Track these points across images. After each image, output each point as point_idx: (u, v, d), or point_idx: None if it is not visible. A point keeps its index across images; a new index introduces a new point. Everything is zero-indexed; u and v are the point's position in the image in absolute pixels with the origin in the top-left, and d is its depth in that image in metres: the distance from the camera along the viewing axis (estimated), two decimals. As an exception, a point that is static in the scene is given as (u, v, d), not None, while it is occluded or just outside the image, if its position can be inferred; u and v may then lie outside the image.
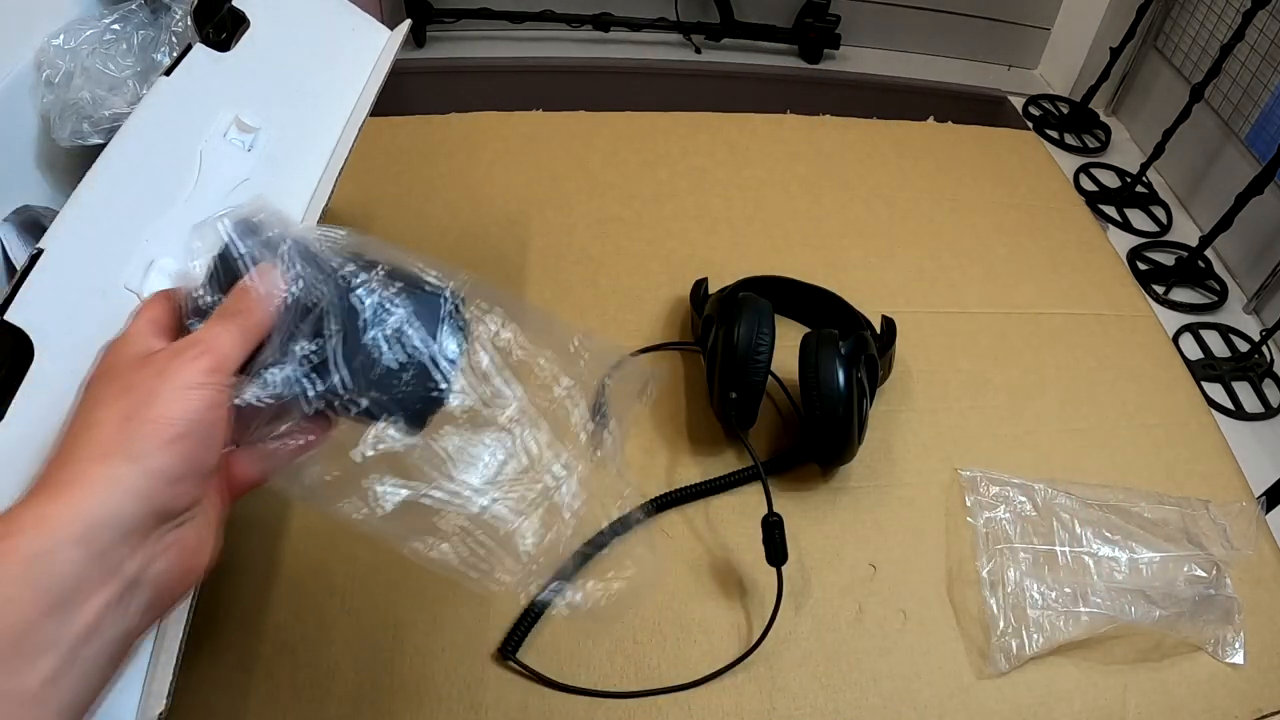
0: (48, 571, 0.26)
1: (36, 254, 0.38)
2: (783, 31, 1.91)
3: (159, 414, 0.29)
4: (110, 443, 0.28)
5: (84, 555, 0.26)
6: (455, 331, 0.38)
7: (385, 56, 0.61)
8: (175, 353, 0.31)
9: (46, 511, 0.27)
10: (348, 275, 0.36)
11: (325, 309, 0.34)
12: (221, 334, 0.32)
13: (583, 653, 0.52)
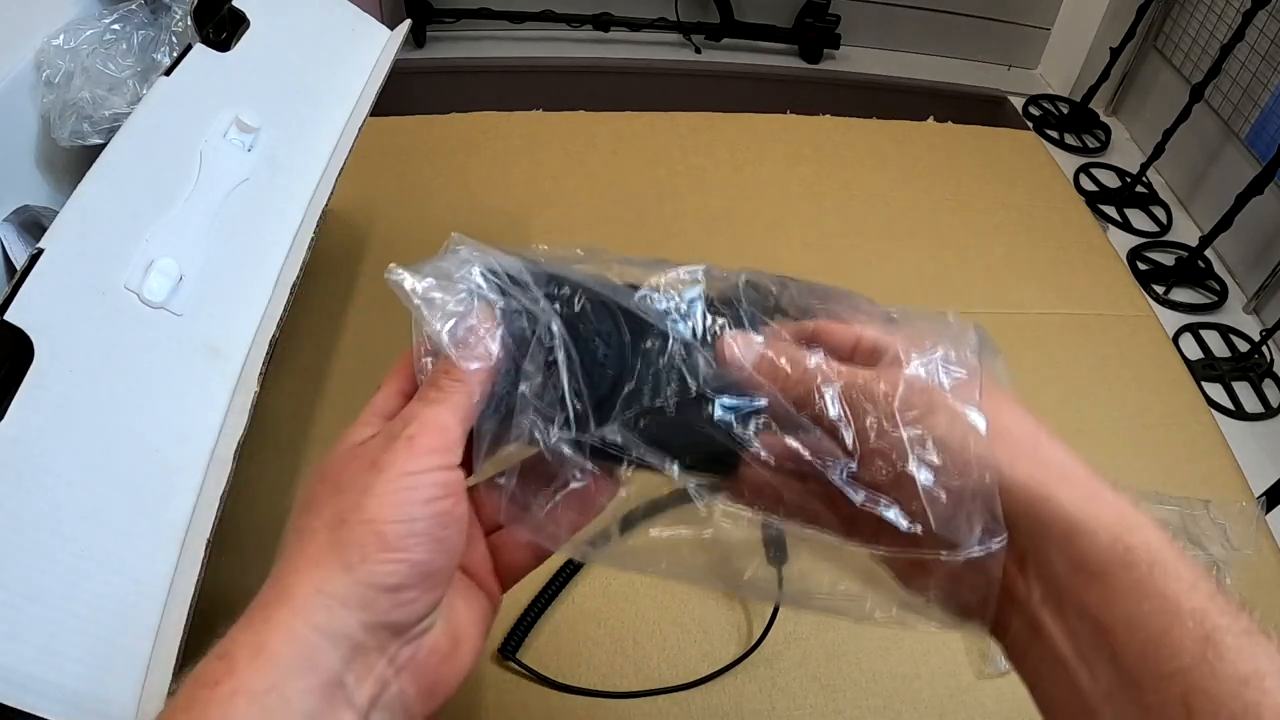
0: (279, 710, 0.23)
1: (36, 254, 0.38)
2: (783, 31, 1.91)
3: (373, 514, 0.25)
4: (321, 553, 0.25)
5: (309, 687, 0.23)
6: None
7: (385, 56, 0.61)
8: (388, 439, 0.26)
9: (263, 639, 0.23)
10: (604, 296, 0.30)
11: (556, 338, 0.28)
12: (434, 408, 0.27)
13: (583, 653, 0.52)
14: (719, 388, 0.28)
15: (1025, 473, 0.25)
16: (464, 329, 0.27)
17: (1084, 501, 0.24)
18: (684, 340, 0.29)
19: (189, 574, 0.37)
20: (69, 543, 0.34)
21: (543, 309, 0.29)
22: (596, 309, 0.29)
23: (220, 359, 0.44)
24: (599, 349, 0.29)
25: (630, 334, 0.29)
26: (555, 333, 0.28)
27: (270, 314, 0.47)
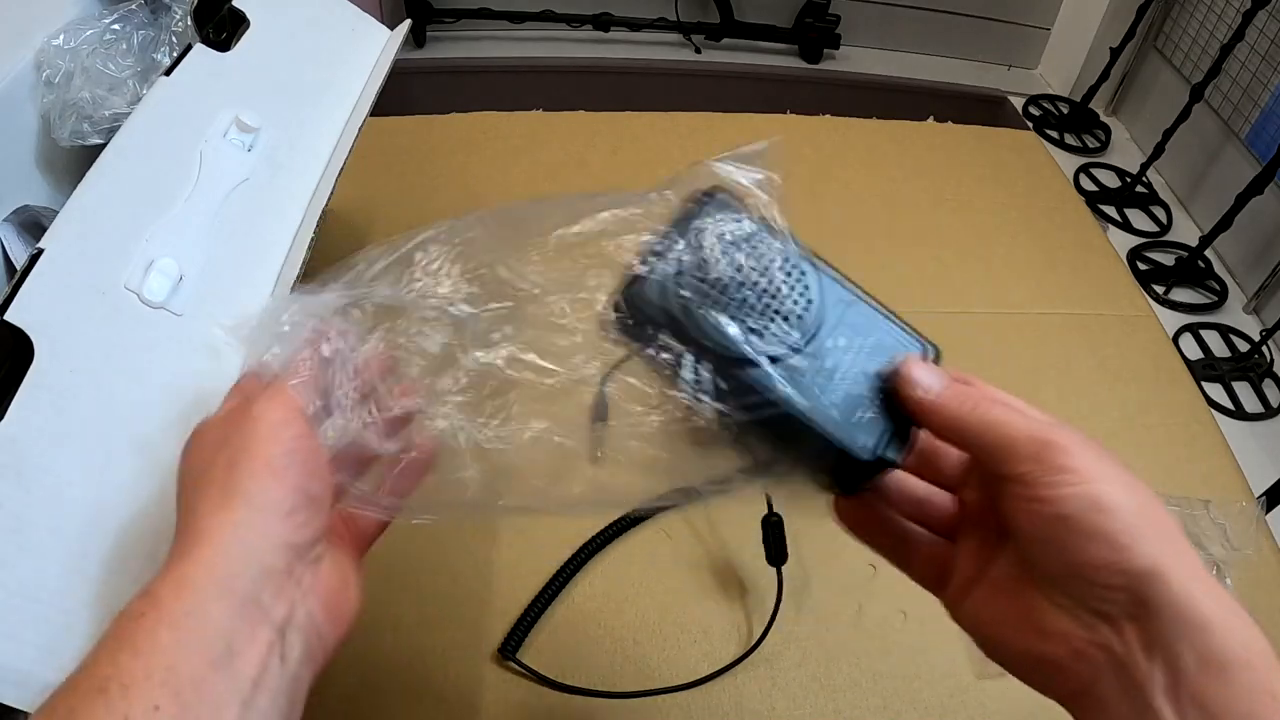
0: (200, 630, 0.26)
1: (36, 254, 0.38)
2: (783, 31, 1.91)
3: (258, 452, 0.29)
4: (222, 492, 0.28)
5: (229, 607, 0.26)
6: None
7: (385, 56, 0.61)
8: (247, 401, 0.31)
9: (183, 573, 0.27)
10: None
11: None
12: (275, 384, 0.32)
13: (583, 653, 0.52)
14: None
15: (1174, 562, 0.25)
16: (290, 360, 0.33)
17: (1214, 599, 0.25)
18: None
19: (189, 574, 0.37)
20: (69, 543, 0.34)
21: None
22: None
23: (220, 359, 0.44)
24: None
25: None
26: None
27: (270, 314, 0.47)
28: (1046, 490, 0.27)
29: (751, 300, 0.29)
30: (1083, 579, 0.26)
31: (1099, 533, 0.26)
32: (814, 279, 0.30)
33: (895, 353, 0.30)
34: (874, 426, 0.29)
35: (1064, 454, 0.27)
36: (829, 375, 0.29)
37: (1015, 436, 0.28)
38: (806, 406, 0.28)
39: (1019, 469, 0.27)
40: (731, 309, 0.29)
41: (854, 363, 0.30)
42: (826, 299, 0.30)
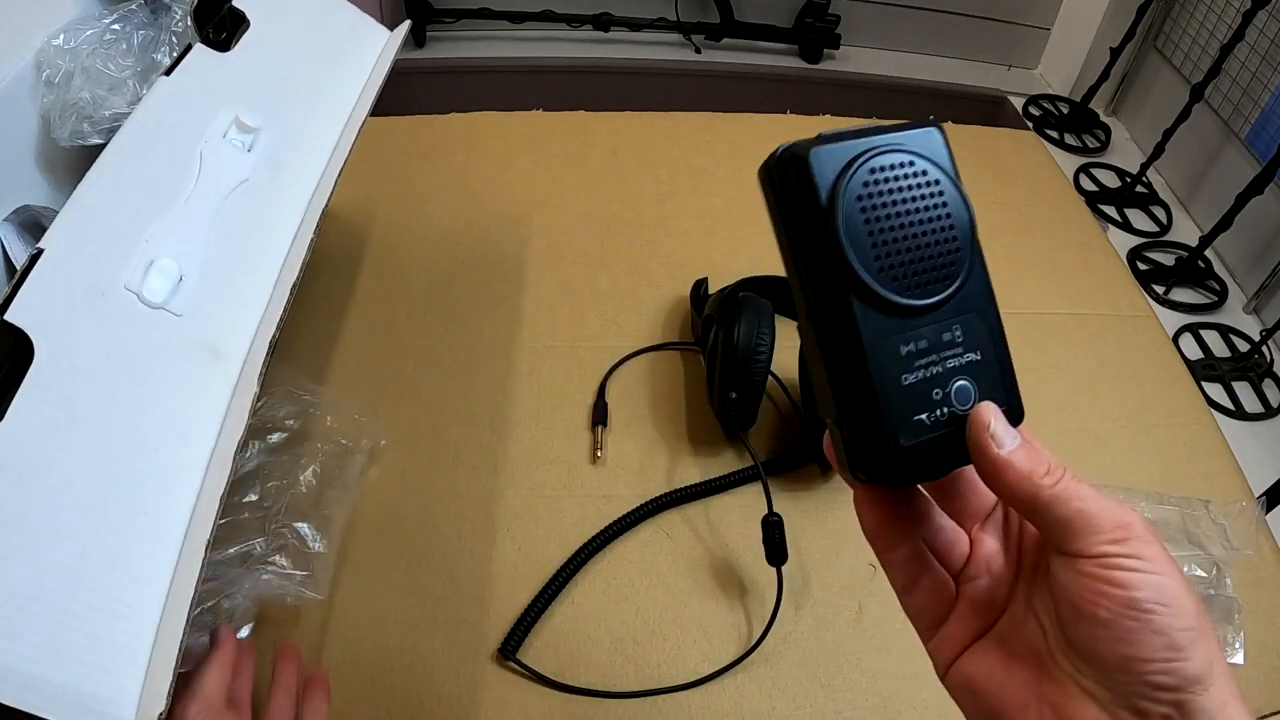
0: None
1: (36, 254, 0.38)
2: (783, 31, 1.91)
3: None
4: None
5: None
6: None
7: (385, 56, 0.61)
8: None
9: None
10: None
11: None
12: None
13: (583, 653, 0.52)
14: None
15: (1220, 674, 0.25)
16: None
17: (1244, 714, 0.25)
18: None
19: (189, 574, 0.37)
20: (69, 543, 0.34)
21: None
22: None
23: (220, 359, 0.44)
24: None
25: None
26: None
27: (270, 314, 0.47)
28: (1123, 573, 0.26)
29: (907, 243, 0.27)
30: (1133, 673, 0.26)
31: (1165, 629, 0.25)
32: (971, 261, 0.28)
33: (985, 383, 0.29)
34: (920, 433, 0.27)
35: (1143, 541, 0.26)
36: (918, 359, 0.27)
37: (1098, 514, 0.27)
38: (875, 368, 0.27)
39: (1097, 548, 0.26)
40: (883, 236, 0.27)
41: (949, 366, 0.28)
42: (969, 290, 0.28)
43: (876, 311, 0.27)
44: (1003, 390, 0.29)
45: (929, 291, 0.27)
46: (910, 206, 0.27)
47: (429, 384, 0.65)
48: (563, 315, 0.71)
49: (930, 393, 0.27)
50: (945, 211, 0.27)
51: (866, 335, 0.26)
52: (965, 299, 0.28)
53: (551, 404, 0.64)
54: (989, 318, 0.29)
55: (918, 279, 0.27)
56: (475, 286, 0.74)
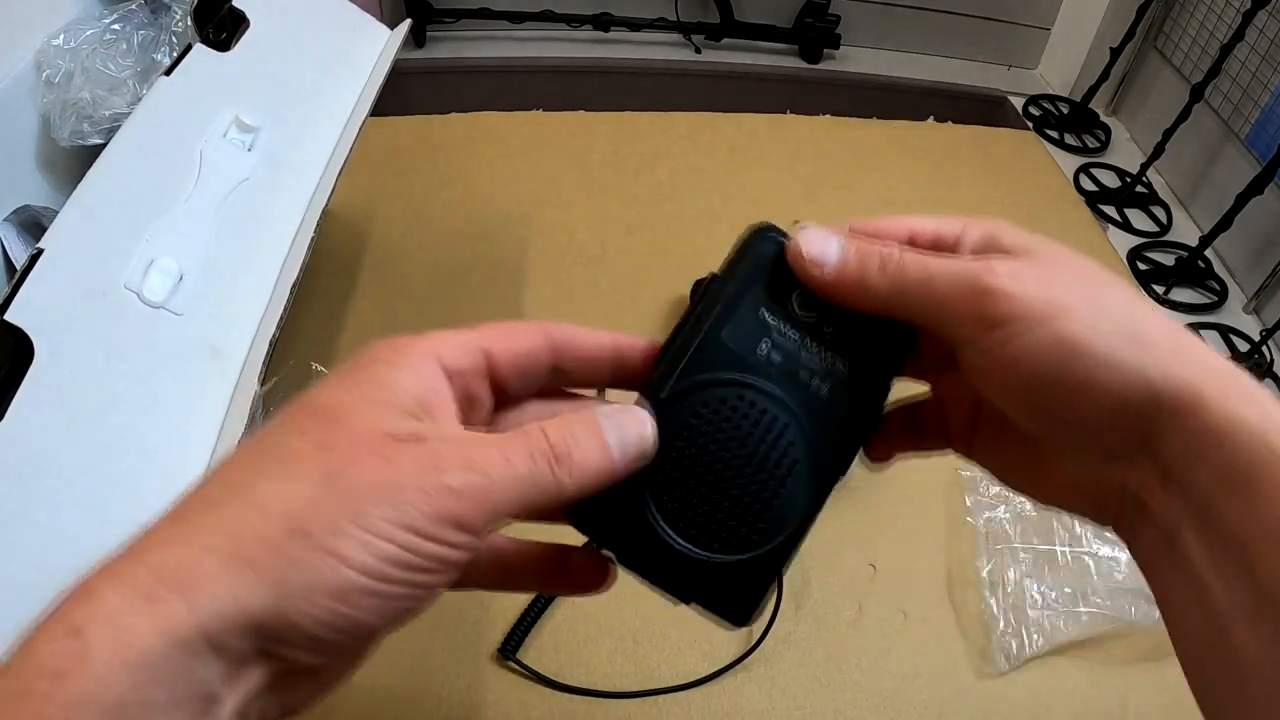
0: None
1: (36, 254, 0.38)
2: (783, 31, 1.91)
3: (347, 553, 0.19)
4: (260, 550, 0.18)
5: (178, 698, 0.18)
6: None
7: (385, 56, 0.61)
8: (425, 465, 0.20)
9: (137, 625, 0.17)
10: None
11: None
12: (516, 475, 0.21)
13: (583, 653, 0.52)
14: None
15: (1176, 379, 0.21)
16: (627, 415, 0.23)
17: (1229, 402, 0.21)
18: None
19: (189, 574, 0.37)
20: (69, 542, 0.34)
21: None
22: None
23: (220, 359, 0.44)
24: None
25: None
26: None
27: (270, 314, 0.47)
28: (1005, 349, 0.22)
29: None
30: (1074, 431, 0.23)
31: (1072, 382, 0.22)
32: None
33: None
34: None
35: (1003, 300, 0.22)
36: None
37: (942, 296, 0.23)
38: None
39: (960, 334, 0.23)
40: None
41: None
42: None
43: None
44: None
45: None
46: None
47: (429, 384, 0.65)
48: (563, 315, 0.71)
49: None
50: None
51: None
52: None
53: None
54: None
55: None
56: (475, 286, 0.74)
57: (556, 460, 0.21)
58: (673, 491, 0.24)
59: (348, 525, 0.18)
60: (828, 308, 0.25)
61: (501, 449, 0.21)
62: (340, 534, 0.18)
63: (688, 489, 0.24)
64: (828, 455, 0.25)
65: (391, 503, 0.19)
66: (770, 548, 0.25)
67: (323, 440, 0.20)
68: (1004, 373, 0.23)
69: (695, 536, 0.24)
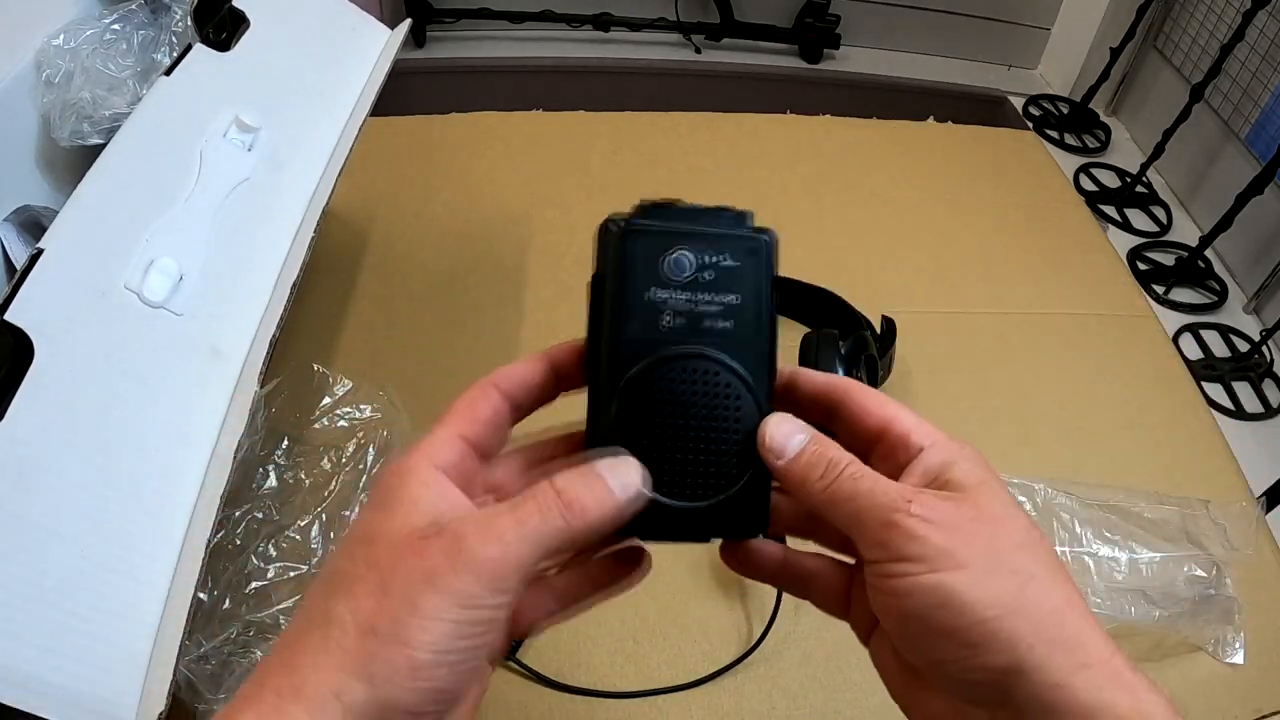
0: None
1: (36, 254, 0.38)
2: (783, 31, 1.91)
3: (411, 638, 0.23)
4: (345, 654, 0.23)
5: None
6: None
7: (385, 56, 0.61)
8: (451, 552, 0.23)
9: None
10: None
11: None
12: (521, 534, 0.24)
13: (583, 653, 0.52)
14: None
15: (1043, 655, 0.23)
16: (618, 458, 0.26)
17: (1101, 688, 0.23)
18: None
19: (189, 574, 0.37)
20: (69, 543, 0.34)
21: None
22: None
23: (220, 359, 0.44)
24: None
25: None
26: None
27: (270, 314, 0.47)
28: (891, 582, 0.24)
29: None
30: (943, 673, 0.25)
31: (947, 631, 0.24)
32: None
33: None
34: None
35: (909, 540, 0.24)
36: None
37: (859, 517, 0.25)
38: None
39: (868, 555, 0.25)
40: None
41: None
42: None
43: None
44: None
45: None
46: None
47: (429, 384, 0.65)
48: (563, 315, 0.71)
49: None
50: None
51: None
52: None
53: (552, 403, 0.64)
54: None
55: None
56: (475, 286, 0.74)
57: (566, 508, 0.25)
58: (658, 469, 0.27)
59: (406, 617, 0.23)
60: (697, 260, 0.28)
61: (513, 513, 0.24)
62: (401, 625, 0.23)
63: (669, 462, 0.27)
64: (758, 370, 0.28)
65: (435, 588, 0.23)
66: (751, 467, 0.28)
67: (369, 559, 0.24)
68: (887, 599, 0.25)
69: (692, 494, 0.28)
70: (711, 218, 0.29)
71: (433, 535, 0.24)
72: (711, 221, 0.29)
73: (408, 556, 0.23)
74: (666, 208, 0.29)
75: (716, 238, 0.29)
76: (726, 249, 0.29)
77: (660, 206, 0.29)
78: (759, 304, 0.28)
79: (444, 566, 0.23)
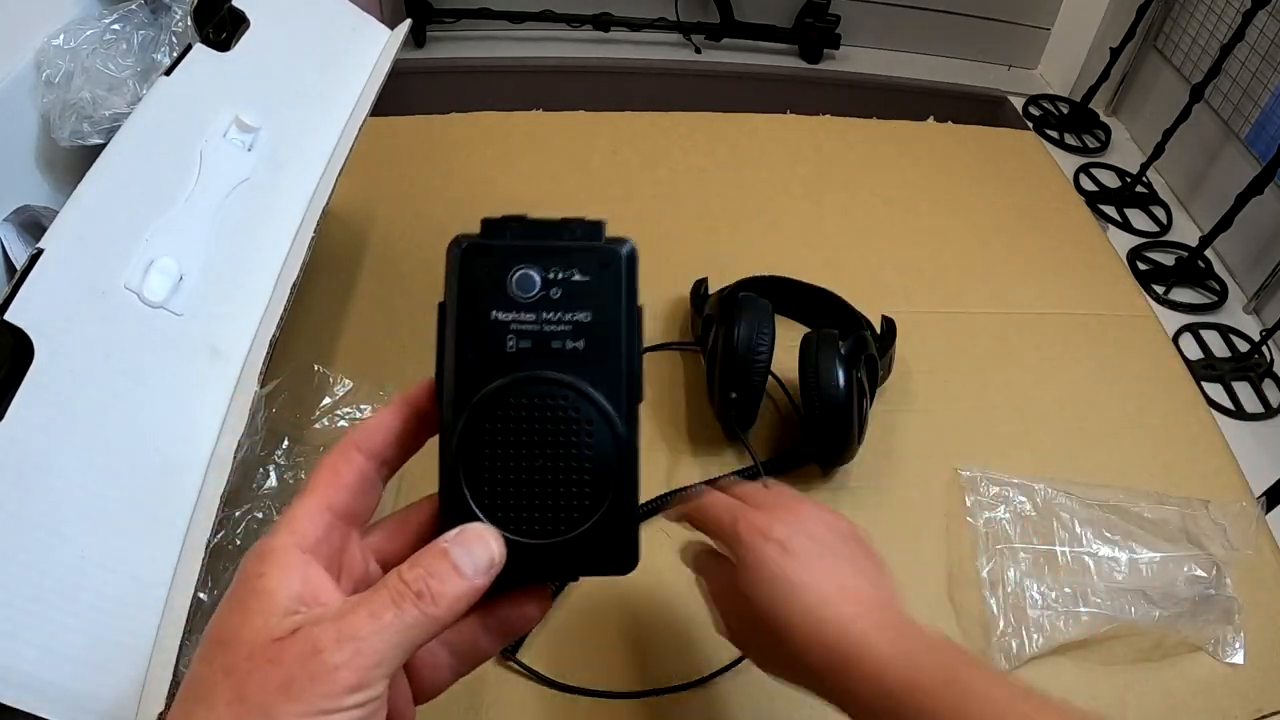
0: None
1: (36, 254, 0.38)
2: (783, 31, 1.91)
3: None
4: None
5: None
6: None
7: (385, 56, 0.61)
8: (307, 655, 0.22)
9: None
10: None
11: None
12: (384, 626, 0.23)
13: (583, 653, 0.52)
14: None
15: (861, 634, 0.33)
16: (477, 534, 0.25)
17: (906, 666, 0.31)
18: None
19: (189, 574, 0.37)
20: (69, 543, 0.34)
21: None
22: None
23: (220, 359, 0.44)
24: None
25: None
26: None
27: (270, 314, 0.47)
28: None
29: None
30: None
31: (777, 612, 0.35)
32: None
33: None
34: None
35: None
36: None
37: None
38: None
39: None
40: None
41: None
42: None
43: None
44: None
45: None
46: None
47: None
48: (563, 315, 0.71)
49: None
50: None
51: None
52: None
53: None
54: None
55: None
56: (475, 286, 0.73)
57: (419, 598, 0.24)
58: (511, 512, 0.26)
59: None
60: (543, 277, 0.27)
61: (368, 607, 0.23)
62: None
63: (520, 497, 0.26)
64: (614, 392, 0.26)
65: (291, 697, 0.22)
66: (613, 498, 0.26)
67: (226, 665, 0.23)
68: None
69: (550, 529, 0.26)
70: (561, 231, 0.28)
71: (288, 639, 0.23)
72: (561, 235, 0.28)
73: (262, 664, 0.22)
74: (512, 223, 0.28)
75: (565, 251, 0.28)
76: (576, 263, 0.27)
77: (505, 222, 0.28)
78: (615, 320, 0.27)
79: (300, 675, 0.22)
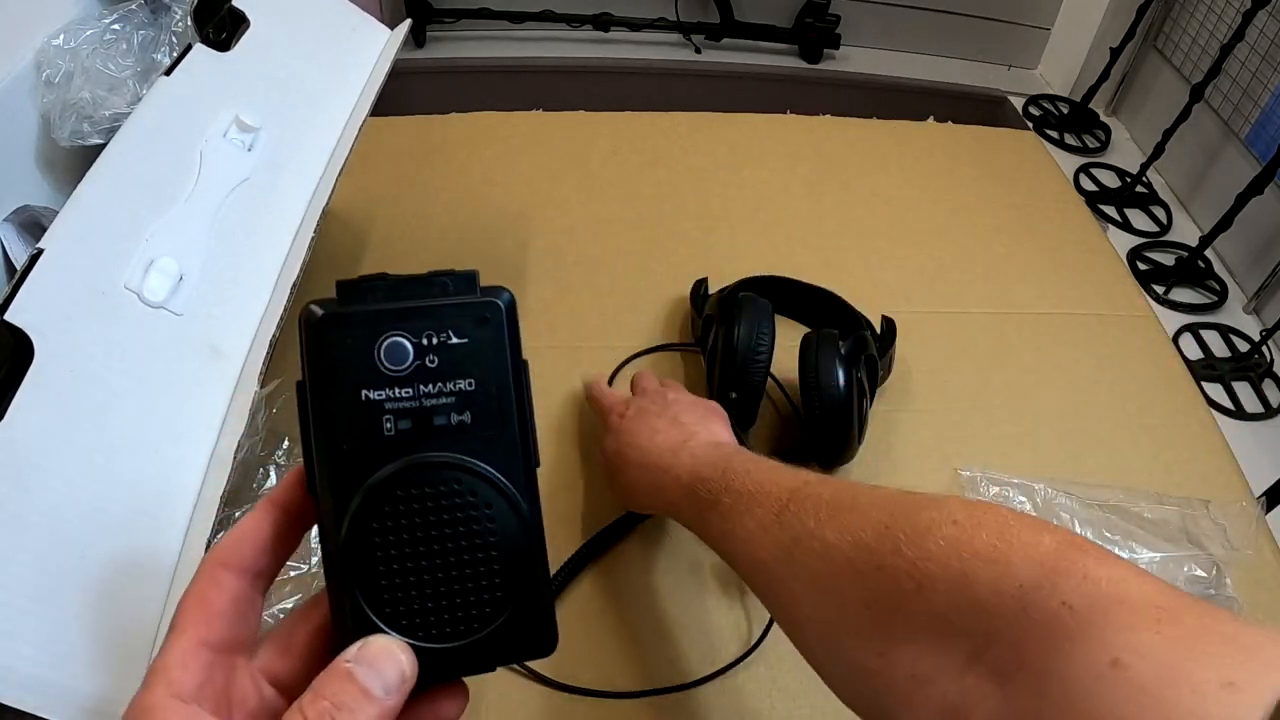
0: None
1: (36, 254, 0.38)
2: (783, 31, 1.91)
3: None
4: None
5: None
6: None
7: (385, 56, 0.61)
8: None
9: None
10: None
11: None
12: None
13: (583, 653, 0.52)
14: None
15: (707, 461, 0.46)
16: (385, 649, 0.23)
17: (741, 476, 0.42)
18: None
19: (189, 574, 0.37)
20: (69, 543, 0.34)
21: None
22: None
23: (220, 359, 0.44)
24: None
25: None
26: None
27: (270, 314, 0.47)
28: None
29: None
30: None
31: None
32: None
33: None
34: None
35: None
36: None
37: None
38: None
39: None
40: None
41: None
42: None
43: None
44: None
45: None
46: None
47: (429, 384, 0.65)
48: (563, 315, 0.71)
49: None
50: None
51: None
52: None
53: (552, 404, 0.65)
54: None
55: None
56: (475, 286, 0.74)
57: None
58: (416, 618, 0.23)
59: None
60: (416, 344, 0.24)
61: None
62: None
63: (426, 604, 0.23)
64: (510, 465, 0.24)
65: None
66: (525, 583, 0.24)
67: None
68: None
69: (464, 630, 0.24)
70: (429, 288, 0.24)
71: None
72: (429, 293, 0.24)
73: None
74: (371, 285, 0.24)
75: (437, 311, 0.24)
76: (451, 324, 0.24)
77: (364, 283, 0.24)
78: (503, 384, 0.24)
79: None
